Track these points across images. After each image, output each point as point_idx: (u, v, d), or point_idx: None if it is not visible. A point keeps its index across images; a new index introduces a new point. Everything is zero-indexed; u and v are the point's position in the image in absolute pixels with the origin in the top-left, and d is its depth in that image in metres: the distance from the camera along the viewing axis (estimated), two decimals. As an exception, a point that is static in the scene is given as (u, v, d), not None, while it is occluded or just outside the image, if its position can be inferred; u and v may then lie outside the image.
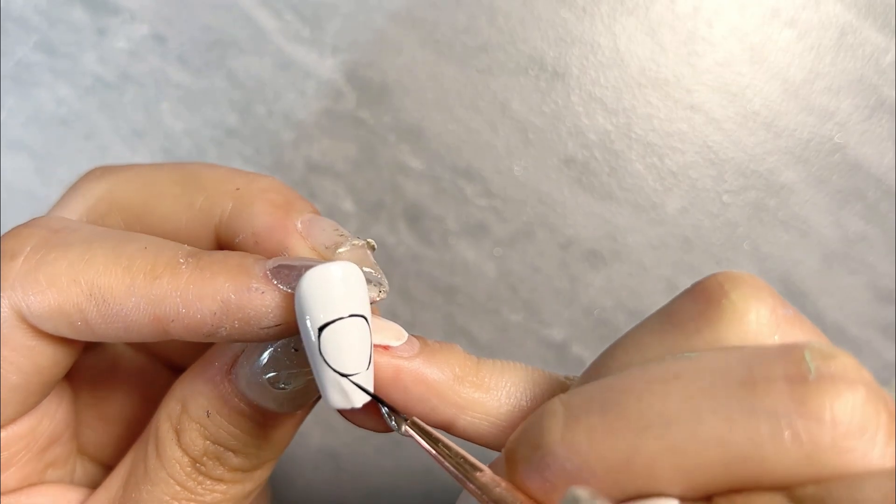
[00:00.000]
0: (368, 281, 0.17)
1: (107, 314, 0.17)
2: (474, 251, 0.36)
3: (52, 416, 0.20)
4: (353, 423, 0.19)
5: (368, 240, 0.19)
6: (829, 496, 0.13)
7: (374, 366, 0.17)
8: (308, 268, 0.16)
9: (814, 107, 0.35)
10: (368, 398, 0.17)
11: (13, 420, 0.19)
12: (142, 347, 0.24)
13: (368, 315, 0.16)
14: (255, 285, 0.16)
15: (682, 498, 0.14)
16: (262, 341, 0.17)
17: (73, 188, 0.21)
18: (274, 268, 0.17)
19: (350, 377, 0.16)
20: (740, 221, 0.36)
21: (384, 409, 0.18)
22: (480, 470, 0.16)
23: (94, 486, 0.21)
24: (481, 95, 0.35)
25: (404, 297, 0.36)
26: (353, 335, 0.16)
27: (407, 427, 0.17)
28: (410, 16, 0.35)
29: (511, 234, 0.36)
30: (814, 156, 0.35)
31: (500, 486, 0.15)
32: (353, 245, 0.18)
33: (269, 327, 0.17)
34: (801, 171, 0.35)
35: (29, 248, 0.18)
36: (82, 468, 0.22)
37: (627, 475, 0.14)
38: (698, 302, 0.16)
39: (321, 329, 0.16)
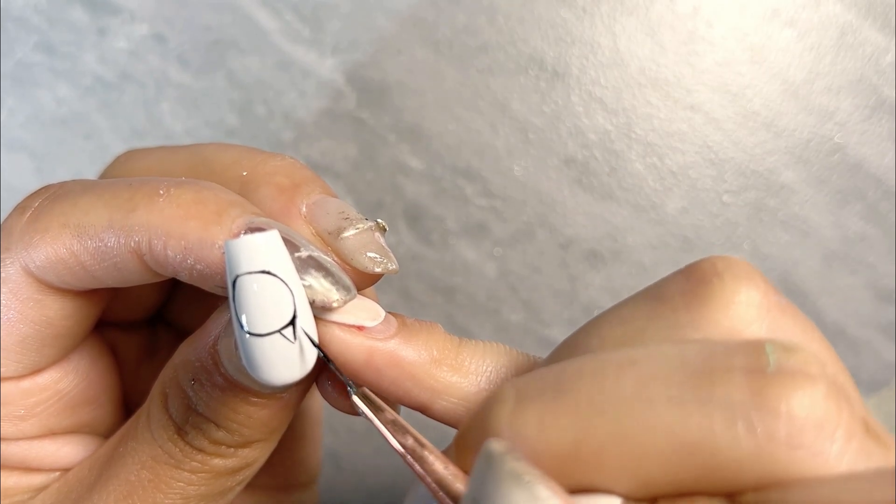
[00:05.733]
0: (337, 282, 0.17)
1: (95, 252, 0.17)
2: (474, 251, 0.36)
3: (83, 375, 0.20)
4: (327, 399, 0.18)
5: (378, 220, 0.18)
6: (766, 503, 0.12)
7: (347, 347, 0.17)
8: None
9: (814, 107, 0.35)
10: (295, 377, 0.16)
11: (34, 371, 0.19)
12: (183, 332, 0.24)
13: (287, 281, 0.16)
14: (219, 243, 0.16)
15: (627, 497, 0.13)
16: (219, 294, 0.17)
17: (103, 172, 0.22)
18: (252, 227, 0.16)
19: (261, 336, 0.15)
20: (740, 221, 0.36)
21: (335, 372, 0.17)
22: (431, 451, 0.15)
23: None
24: (481, 95, 0.35)
25: (404, 297, 0.36)
26: (264, 290, 0.15)
27: (355, 399, 0.17)
28: (410, 16, 0.35)
29: (511, 234, 0.36)
30: (814, 156, 0.35)
31: (449, 468, 0.15)
32: (359, 229, 0.18)
33: (221, 287, 0.17)
34: (801, 171, 0.35)
35: (37, 203, 0.18)
36: None
37: (575, 464, 0.13)
38: (689, 280, 0.15)
39: (234, 284, 0.15)
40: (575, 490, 0.13)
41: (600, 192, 0.35)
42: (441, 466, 0.15)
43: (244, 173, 0.19)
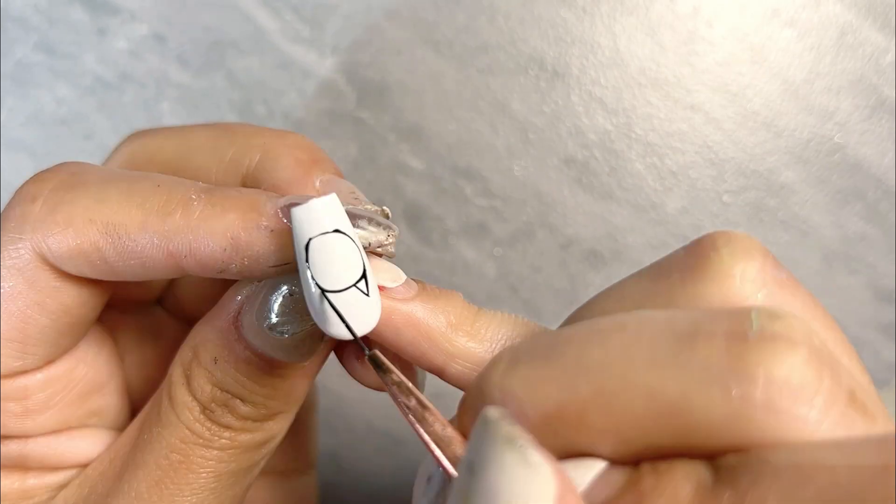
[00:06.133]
0: (378, 224, 0.18)
1: (122, 251, 0.17)
2: (474, 251, 0.36)
3: (91, 363, 0.21)
4: (357, 378, 0.19)
5: (383, 207, 0.19)
6: (746, 464, 0.12)
7: None
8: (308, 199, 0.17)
9: (814, 107, 0.35)
10: (372, 325, 0.17)
11: (49, 362, 0.19)
12: (182, 315, 0.24)
13: (354, 237, 0.17)
14: (264, 223, 0.17)
15: (611, 459, 0.14)
16: (269, 277, 0.18)
17: (114, 150, 0.22)
18: (284, 206, 0.17)
19: (338, 293, 0.16)
20: (740, 221, 0.36)
21: (355, 339, 0.17)
22: (432, 413, 0.16)
23: None
24: (481, 95, 0.35)
25: (404, 297, 0.36)
26: (337, 248, 0.16)
27: (366, 358, 0.17)
28: (410, 16, 0.35)
29: (511, 234, 0.36)
30: (814, 156, 0.35)
31: (447, 430, 0.15)
32: (366, 209, 0.19)
33: (276, 266, 0.17)
34: (801, 171, 0.35)
35: (48, 191, 0.18)
36: None
37: (560, 424, 0.14)
38: (688, 255, 0.16)
39: (307, 247, 0.16)
40: (562, 455, 0.14)
41: (600, 192, 0.35)
42: (440, 427, 0.15)
43: (265, 142, 0.19)
